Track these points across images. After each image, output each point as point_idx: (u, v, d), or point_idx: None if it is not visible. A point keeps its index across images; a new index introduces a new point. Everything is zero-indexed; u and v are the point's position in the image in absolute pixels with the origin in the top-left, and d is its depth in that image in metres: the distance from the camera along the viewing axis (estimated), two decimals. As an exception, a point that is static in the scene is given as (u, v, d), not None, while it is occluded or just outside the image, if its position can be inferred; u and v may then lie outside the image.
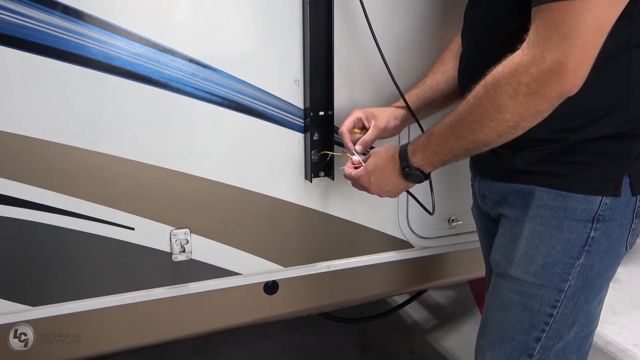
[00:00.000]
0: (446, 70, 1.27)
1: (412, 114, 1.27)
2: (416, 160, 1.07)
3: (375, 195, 1.20)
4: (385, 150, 1.15)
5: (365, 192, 1.22)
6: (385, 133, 1.30)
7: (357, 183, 1.20)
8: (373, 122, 1.27)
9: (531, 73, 0.85)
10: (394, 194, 1.18)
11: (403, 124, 1.31)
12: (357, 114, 1.28)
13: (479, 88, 0.93)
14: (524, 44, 0.87)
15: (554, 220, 1.01)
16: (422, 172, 1.08)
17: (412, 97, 1.29)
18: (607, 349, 1.57)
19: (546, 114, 0.89)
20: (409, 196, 1.37)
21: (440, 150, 1.02)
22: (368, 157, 1.18)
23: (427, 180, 1.13)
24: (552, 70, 0.83)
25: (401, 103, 1.29)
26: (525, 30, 0.88)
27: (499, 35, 1.01)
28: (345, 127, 1.27)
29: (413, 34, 1.42)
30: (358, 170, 1.19)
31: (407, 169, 1.08)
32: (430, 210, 1.29)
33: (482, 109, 0.92)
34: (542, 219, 1.02)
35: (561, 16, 0.81)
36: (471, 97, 0.95)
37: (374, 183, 1.16)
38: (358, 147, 1.25)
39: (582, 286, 1.03)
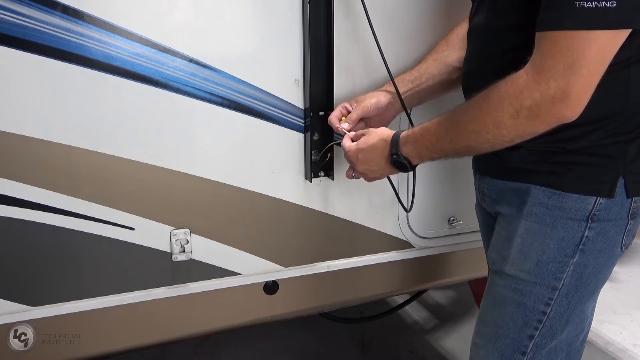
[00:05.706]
0: (439, 57, 1.28)
1: (401, 100, 1.26)
2: (406, 150, 1.08)
3: (363, 178, 1.23)
4: (380, 131, 1.16)
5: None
6: (370, 111, 1.28)
7: (347, 157, 1.21)
8: (356, 103, 1.29)
9: (534, 98, 0.86)
10: (379, 177, 1.20)
11: (390, 104, 1.30)
12: (342, 103, 1.31)
13: (480, 100, 0.94)
14: (529, 66, 0.88)
15: (548, 219, 1.01)
16: (410, 163, 1.09)
17: (402, 80, 1.29)
18: (607, 349, 1.57)
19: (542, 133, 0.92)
20: (407, 194, 1.37)
21: (432, 147, 1.05)
22: (363, 135, 1.19)
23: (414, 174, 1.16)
24: (555, 98, 0.85)
25: (390, 87, 1.30)
26: (528, 44, 0.88)
27: (502, 46, 1.01)
28: (333, 116, 1.30)
29: (412, 28, 1.43)
30: (350, 144, 1.20)
31: (394, 156, 1.10)
32: (408, 207, 1.33)
33: (481, 122, 0.94)
34: (537, 217, 1.03)
35: (567, 45, 0.83)
36: (471, 107, 0.96)
37: (361, 160, 1.17)
38: (345, 124, 1.26)
39: (577, 285, 1.03)
